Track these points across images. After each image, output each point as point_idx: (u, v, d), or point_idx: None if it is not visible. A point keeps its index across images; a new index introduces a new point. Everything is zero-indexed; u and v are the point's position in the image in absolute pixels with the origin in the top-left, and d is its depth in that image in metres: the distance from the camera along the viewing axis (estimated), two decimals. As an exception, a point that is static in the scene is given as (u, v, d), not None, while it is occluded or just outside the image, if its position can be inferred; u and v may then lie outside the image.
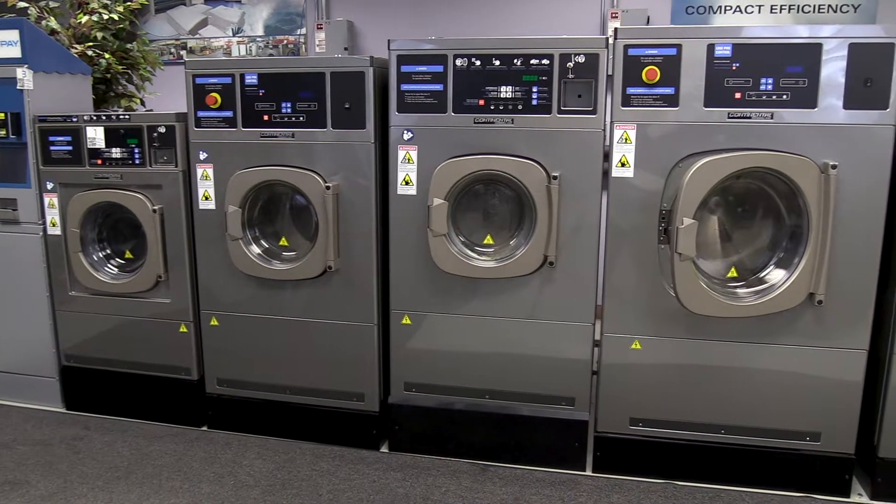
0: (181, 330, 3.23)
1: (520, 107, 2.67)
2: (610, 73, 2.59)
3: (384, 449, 3.10)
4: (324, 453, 3.06)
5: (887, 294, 2.60)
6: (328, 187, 2.84)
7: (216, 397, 3.25)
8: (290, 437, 3.18)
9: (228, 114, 2.96)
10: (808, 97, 2.47)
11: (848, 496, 2.71)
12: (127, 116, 3.13)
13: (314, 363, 3.08)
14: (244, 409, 3.21)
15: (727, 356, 2.69)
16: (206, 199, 3.05)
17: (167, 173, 3.10)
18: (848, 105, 2.45)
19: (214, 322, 3.17)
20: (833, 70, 2.44)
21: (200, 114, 3.00)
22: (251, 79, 2.91)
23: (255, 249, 3.03)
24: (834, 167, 2.43)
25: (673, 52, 2.53)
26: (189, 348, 3.24)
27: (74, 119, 3.17)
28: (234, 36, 5.62)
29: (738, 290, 2.65)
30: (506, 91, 2.68)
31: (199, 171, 3.04)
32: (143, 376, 3.32)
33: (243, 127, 2.95)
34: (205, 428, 3.30)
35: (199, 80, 2.97)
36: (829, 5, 4.56)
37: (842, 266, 2.53)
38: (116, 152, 3.14)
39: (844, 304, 2.57)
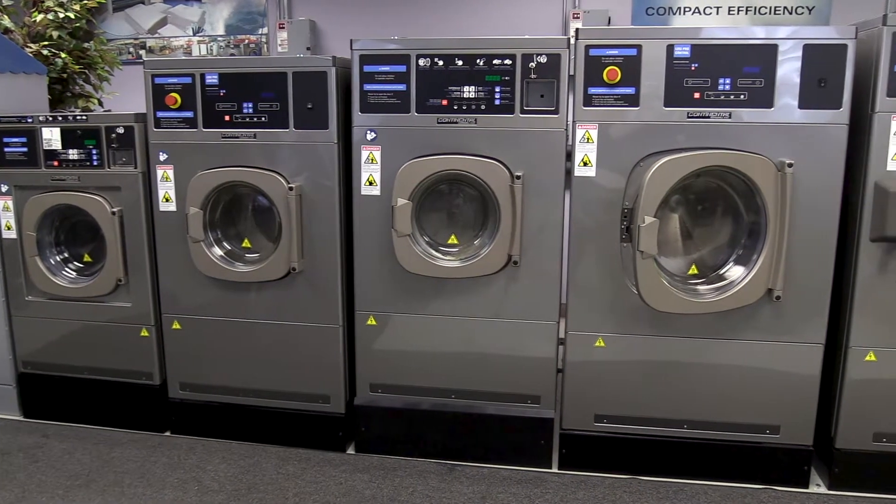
0: (142, 334, 3.18)
1: (483, 107, 2.68)
2: (572, 73, 2.62)
3: (351, 451, 3.09)
4: (290, 456, 3.04)
5: (842, 289, 2.66)
6: (291, 188, 2.82)
7: (179, 402, 3.20)
8: (256, 440, 3.14)
9: (189, 114, 2.92)
10: (764, 97, 2.52)
11: (807, 487, 2.78)
12: (84, 117, 3.07)
13: (279, 366, 3.06)
14: (208, 413, 3.17)
15: (689, 352, 2.73)
16: (167, 200, 3.01)
17: (126, 175, 3.04)
18: (803, 105, 2.51)
19: (176, 326, 3.12)
20: (788, 70, 2.49)
21: (160, 114, 2.95)
22: (212, 79, 2.88)
23: (218, 251, 2.99)
24: (790, 165, 2.48)
25: (633, 52, 2.56)
26: (150, 353, 3.19)
27: (30, 120, 3.10)
28: (194, 35, 5.54)
29: (699, 287, 2.69)
30: (469, 91, 2.68)
31: (160, 173, 2.99)
32: (104, 382, 3.26)
33: (204, 127, 2.91)
34: (168, 433, 3.25)
35: (158, 80, 2.93)
36: (785, 7, 4.66)
37: (798, 262, 2.59)
38: (73, 154, 3.08)
39: (801, 300, 2.63)
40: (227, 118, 2.88)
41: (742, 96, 2.53)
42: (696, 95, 2.55)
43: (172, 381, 3.19)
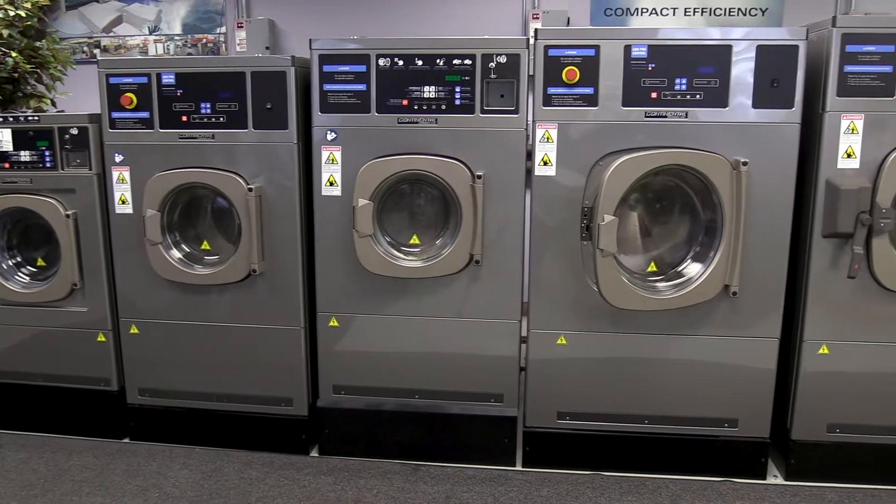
0: (99, 339, 3.11)
1: (443, 107, 2.69)
2: (531, 73, 2.63)
3: (314, 453, 3.06)
4: (252, 460, 3.01)
5: (796, 284, 2.72)
6: (251, 189, 2.79)
7: (138, 408, 3.15)
8: (217, 445, 3.11)
9: (145, 114, 2.87)
10: (719, 97, 2.57)
11: (764, 478, 2.83)
12: (36, 118, 2.99)
13: (240, 369, 3.02)
14: (168, 418, 3.12)
15: (649, 348, 2.77)
16: (123, 202, 2.95)
17: (81, 177, 2.98)
18: (757, 104, 2.56)
19: (134, 330, 3.07)
20: (742, 71, 2.54)
21: (115, 114, 2.90)
22: (168, 78, 2.83)
23: (176, 254, 2.95)
24: (745, 164, 2.53)
25: (591, 52, 2.58)
26: (108, 358, 3.13)
27: (-22, 121, 3.02)
28: (150, 34, 5.45)
29: (658, 284, 2.73)
30: (429, 91, 2.68)
31: (115, 175, 2.94)
32: (60, 389, 3.18)
33: (161, 128, 2.87)
34: (127, 440, 3.19)
35: (112, 80, 2.87)
36: (739, 9, 4.75)
37: (754, 258, 2.64)
38: (25, 155, 3.00)
39: (757, 295, 2.68)
40: (184, 118, 2.84)
41: (698, 96, 2.57)
42: (654, 95, 2.58)
43: (131, 386, 3.13)
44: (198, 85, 2.82)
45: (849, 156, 2.54)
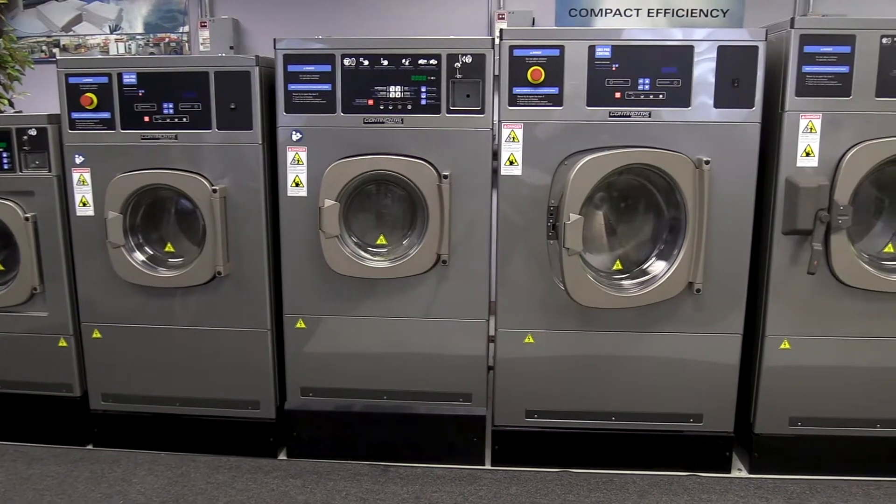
0: (60, 344, 3.05)
1: (409, 106, 2.68)
2: (497, 73, 2.64)
3: (282, 456, 3.04)
4: (219, 465, 2.97)
5: (758, 280, 2.77)
6: (215, 190, 2.76)
7: (101, 413, 3.09)
8: (184, 450, 3.06)
9: (106, 115, 2.83)
10: (682, 97, 2.60)
11: (729, 472, 2.88)
12: (-7, 118, 2.93)
13: (206, 372, 2.99)
14: (133, 424, 3.07)
15: (615, 346, 2.80)
16: (84, 205, 2.90)
17: (40, 179, 2.92)
18: (718, 104, 2.60)
19: (97, 335, 3.02)
20: (704, 71, 2.58)
21: (75, 115, 2.84)
22: (129, 78, 2.79)
23: (139, 257, 2.90)
24: (707, 163, 2.56)
25: (556, 52, 2.60)
26: (70, 363, 3.07)
27: (-68, 122, 2.94)
28: (111, 33, 5.35)
29: (624, 282, 2.75)
30: (395, 91, 2.68)
31: (76, 176, 2.88)
32: (20, 395, 3.11)
33: (122, 129, 2.82)
34: (90, 447, 3.13)
35: (72, 80, 2.82)
36: (701, 10, 4.81)
37: (717, 256, 2.68)
38: (-18, 157, 2.94)
39: (720, 292, 2.73)
40: (146, 119, 2.80)
41: (661, 96, 2.60)
42: (618, 95, 2.61)
43: (94, 392, 3.08)
44: (160, 85, 2.78)
45: (807, 154, 2.59)
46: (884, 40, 2.50)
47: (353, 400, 2.95)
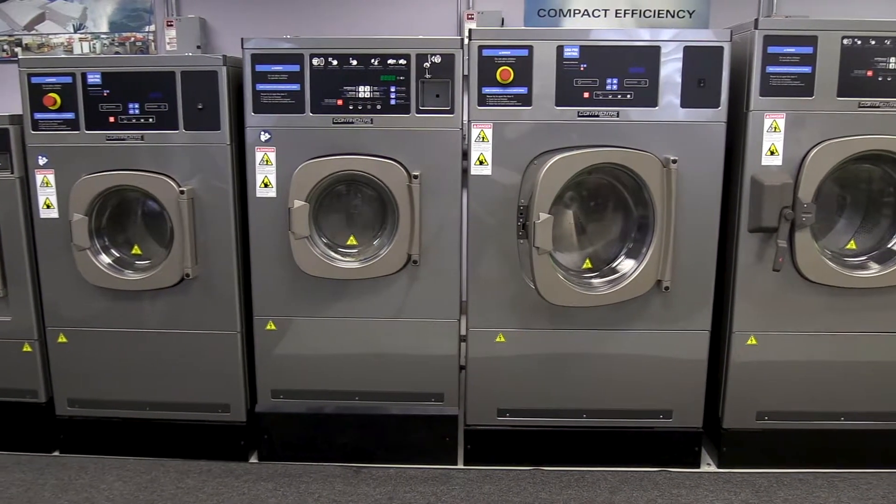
0: (24, 349, 2.99)
1: (378, 106, 2.68)
2: (466, 73, 2.65)
3: (253, 459, 3.02)
4: (189, 469, 2.94)
5: (725, 278, 2.81)
6: (182, 192, 2.73)
7: (68, 419, 3.04)
8: (153, 455, 3.02)
9: (70, 115, 2.78)
10: (649, 96, 2.63)
11: (698, 467, 2.92)
12: (-48, 120, 2.87)
13: (175, 376, 2.95)
14: (100, 429, 3.03)
15: (585, 344, 2.82)
16: (48, 207, 2.85)
17: (2, 181, 2.85)
18: (685, 104, 2.63)
19: (62, 339, 2.96)
20: (671, 71, 2.61)
21: (38, 115, 2.79)
22: (94, 78, 2.74)
23: (105, 259, 2.86)
24: (674, 161, 2.59)
25: (525, 53, 2.61)
26: (34, 369, 3.01)
27: None
28: (75, 32, 5.26)
29: (593, 281, 2.78)
30: (364, 91, 2.67)
31: (39, 178, 2.83)
32: (-17, 402, 3.06)
33: (87, 129, 2.77)
34: (56, 453, 3.08)
35: (35, 80, 2.76)
36: (668, 10, 4.87)
37: (685, 254, 2.71)
38: (-59, 159, 2.87)
39: (688, 289, 2.76)
40: (111, 119, 2.76)
41: (629, 96, 2.63)
42: (586, 95, 2.63)
43: (60, 397, 3.02)
44: (125, 85, 2.74)
45: (772, 153, 2.64)
46: (845, 41, 2.55)
47: (324, 401, 2.94)
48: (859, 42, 2.55)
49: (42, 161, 2.82)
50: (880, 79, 2.58)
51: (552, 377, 2.86)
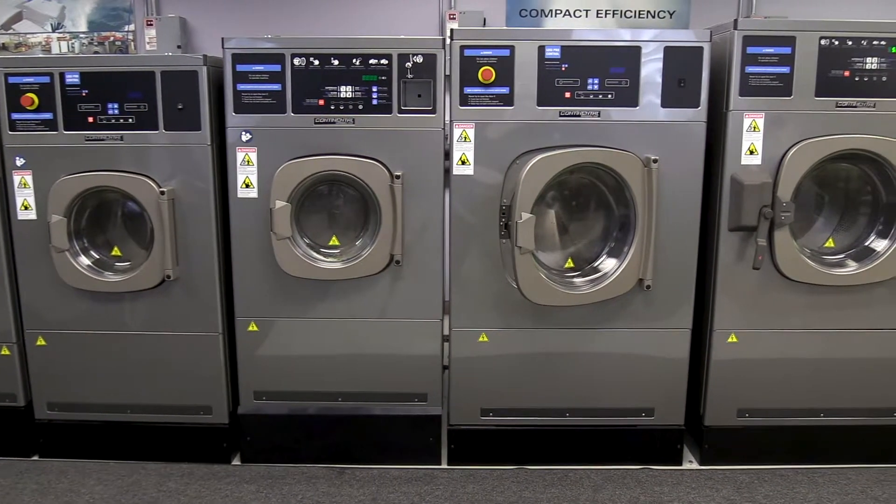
0: (3, 353, 2.96)
1: (360, 106, 2.67)
2: (448, 73, 2.65)
3: (236, 461, 3.00)
4: (171, 472, 2.92)
5: (706, 276, 2.83)
6: (163, 192, 2.71)
7: (47, 423, 3.00)
8: (134, 458, 3.00)
9: (48, 115, 2.75)
10: (630, 96, 2.64)
11: (680, 464, 2.94)
12: (-73, 120, 2.83)
13: (156, 378, 2.93)
14: (81, 433, 3.00)
15: (568, 343, 2.83)
16: (26, 208, 2.82)
17: (-22, 182, 2.83)
18: (665, 104, 2.64)
19: (41, 342, 2.93)
20: (651, 71, 2.62)
21: (15, 116, 2.76)
22: (72, 78, 2.72)
23: (85, 261, 2.83)
24: (655, 161, 2.61)
25: (506, 53, 2.62)
26: (13, 372, 2.97)
27: None
28: (53, 31, 5.21)
29: (575, 280, 2.79)
30: (346, 91, 2.66)
31: (17, 179, 2.80)
32: (-40, 406, 3.02)
33: (65, 129, 2.75)
34: (36, 457, 3.04)
35: (12, 80, 2.73)
36: (649, 11, 4.90)
37: (666, 252, 2.73)
38: (-84, 160, 2.83)
39: (670, 288, 2.78)
40: (90, 119, 2.73)
41: (610, 96, 2.64)
42: (567, 95, 2.64)
43: (39, 401, 2.99)
44: (104, 85, 2.71)
45: (751, 152, 2.66)
46: (822, 41, 2.58)
47: (307, 403, 2.93)
48: (836, 43, 2.58)
49: (20, 162, 2.79)
50: (857, 79, 2.61)
51: (535, 376, 2.86)
